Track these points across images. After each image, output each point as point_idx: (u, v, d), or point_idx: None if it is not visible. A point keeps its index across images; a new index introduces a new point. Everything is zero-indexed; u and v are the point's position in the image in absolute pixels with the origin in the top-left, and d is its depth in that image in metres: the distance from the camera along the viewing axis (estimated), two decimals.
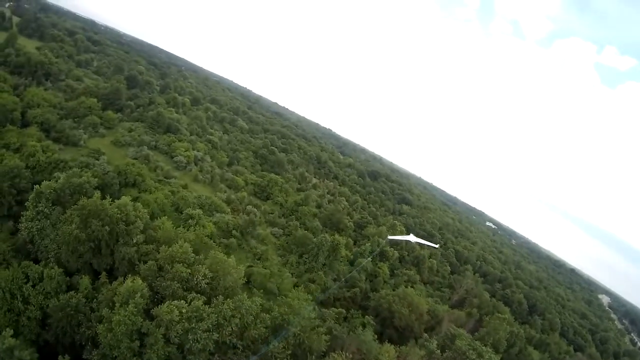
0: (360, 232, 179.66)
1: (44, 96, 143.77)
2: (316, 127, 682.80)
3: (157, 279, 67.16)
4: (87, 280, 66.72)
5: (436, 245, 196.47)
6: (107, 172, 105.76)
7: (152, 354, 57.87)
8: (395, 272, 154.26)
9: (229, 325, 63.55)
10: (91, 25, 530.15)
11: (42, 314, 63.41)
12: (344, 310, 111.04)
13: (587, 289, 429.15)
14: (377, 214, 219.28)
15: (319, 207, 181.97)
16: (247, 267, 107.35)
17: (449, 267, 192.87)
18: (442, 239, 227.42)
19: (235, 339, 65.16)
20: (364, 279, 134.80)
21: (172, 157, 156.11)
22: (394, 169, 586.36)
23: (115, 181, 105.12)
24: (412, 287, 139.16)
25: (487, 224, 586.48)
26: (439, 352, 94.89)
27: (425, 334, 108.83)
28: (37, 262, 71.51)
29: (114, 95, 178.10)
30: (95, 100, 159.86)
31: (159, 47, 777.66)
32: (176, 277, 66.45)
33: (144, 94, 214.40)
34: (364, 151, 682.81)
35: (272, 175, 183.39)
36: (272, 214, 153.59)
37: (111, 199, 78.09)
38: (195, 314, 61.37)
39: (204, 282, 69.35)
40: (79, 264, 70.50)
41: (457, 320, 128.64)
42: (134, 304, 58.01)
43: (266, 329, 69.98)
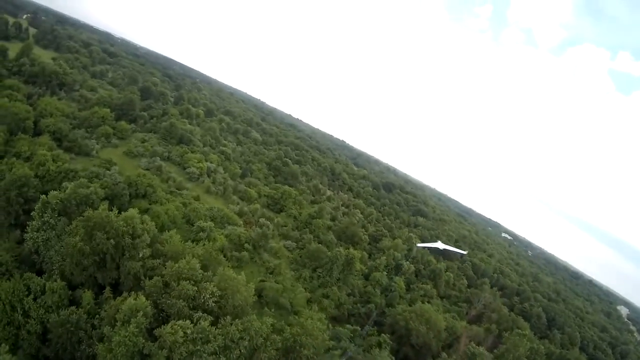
0: (375, 245, 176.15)
1: (57, 105, 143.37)
2: (330, 138, 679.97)
3: (163, 296, 63.72)
4: (89, 295, 63.87)
5: (464, 252, 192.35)
6: (118, 183, 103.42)
7: None
8: (411, 286, 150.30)
9: (237, 348, 59.64)
10: (107, 37, 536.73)
11: (42, 328, 61.13)
12: (359, 327, 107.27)
13: (605, 300, 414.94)
14: (392, 226, 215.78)
15: (333, 219, 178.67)
16: (259, 281, 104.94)
17: (466, 281, 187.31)
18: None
19: None
20: (379, 293, 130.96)
21: (185, 169, 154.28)
22: (408, 180, 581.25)
23: (125, 192, 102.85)
24: (429, 302, 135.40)
25: (503, 235, 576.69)
26: None
27: (443, 353, 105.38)
28: (42, 273, 69.64)
29: (127, 105, 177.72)
30: (108, 110, 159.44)
31: (174, 60, 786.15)
32: (182, 294, 62.82)
33: (157, 105, 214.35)
34: (377, 162, 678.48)
35: (286, 187, 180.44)
36: (285, 226, 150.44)
37: (118, 211, 75.65)
38: (201, 335, 57.48)
39: (211, 300, 65.58)
40: (83, 277, 67.71)
41: (475, 336, 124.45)
42: (136, 324, 54.56)
43: (277, 352, 65.96)
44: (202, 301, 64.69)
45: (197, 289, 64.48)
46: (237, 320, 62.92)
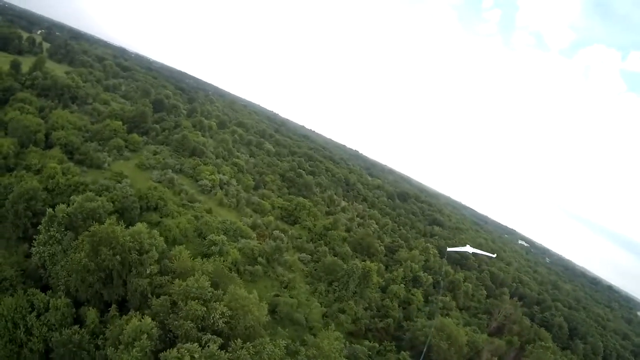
0: (391, 256, 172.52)
1: (68, 118, 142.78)
2: (343, 148, 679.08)
3: (170, 316, 60.36)
4: (94, 313, 60.91)
5: (493, 255, 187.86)
6: (128, 196, 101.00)
7: None
8: (429, 298, 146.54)
9: None
10: (121, 52, 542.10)
11: (45, 346, 58.83)
12: (377, 343, 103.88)
13: (625, 306, 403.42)
14: (408, 236, 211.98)
15: (348, 230, 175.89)
16: (274, 296, 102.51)
17: (485, 291, 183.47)
18: (475, 261, 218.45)
19: None
20: (397, 306, 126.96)
21: (197, 181, 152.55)
22: (422, 189, 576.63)
23: (135, 205, 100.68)
24: (448, 315, 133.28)
25: (520, 242, 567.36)
26: None
27: None
28: (48, 288, 67.53)
29: (139, 118, 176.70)
30: (120, 123, 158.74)
31: (188, 73, 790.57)
32: (190, 315, 59.26)
33: (170, 117, 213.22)
34: (391, 172, 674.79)
35: (300, 198, 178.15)
36: (299, 238, 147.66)
37: (127, 225, 72.98)
38: None
39: (221, 321, 62.02)
40: (88, 294, 64.89)
41: (497, 350, 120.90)
42: (140, 347, 51.21)
43: None
44: (212, 322, 61.19)
45: (206, 309, 60.94)
46: (248, 343, 59.16)
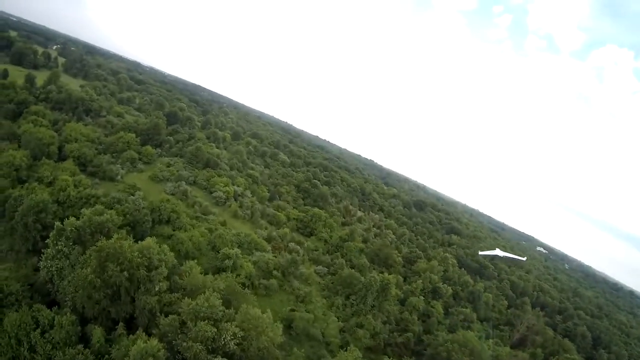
0: (410, 267, 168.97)
1: (82, 131, 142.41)
2: (358, 158, 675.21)
3: (179, 337, 56.96)
4: (99, 332, 57.92)
5: (523, 258, 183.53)
6: (140, 209, 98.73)
7: None
8: (449, 310, 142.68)
9: None
10: (135, 66, 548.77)
11: None
12: (397, 359, 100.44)
13: None
14: (426, 246, 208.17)
15: (365, 241, 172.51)
16: (289, 310, 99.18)
17: (505, 301, 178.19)
18: (495, 270, 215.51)
19: None
20: (416, 319, 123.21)
21: (211, 193, 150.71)
22: (438, 197, 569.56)
23: (147, 218, 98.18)
24: (469, 328, 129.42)
25: (538, 249, 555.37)
26: None
27: None
28: (56, 303, 65.14)
29: (153, 130, 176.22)
30: (134, 135, 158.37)
31: (202, 86, 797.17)
32: (200, 336, 55.70)
33: (184, 129, 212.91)
34: (407, 180, 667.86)
35: (316, 209, 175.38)
36: (316, 250, 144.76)
37: (136, 239, 70.34)
38: None
39: (232, 342, 58.50)
40: (95, 310, 61.97)
41: None
42: None
43: None
44: (223, 343, 57.62)
45: (216, 329, 57.22)
46: None
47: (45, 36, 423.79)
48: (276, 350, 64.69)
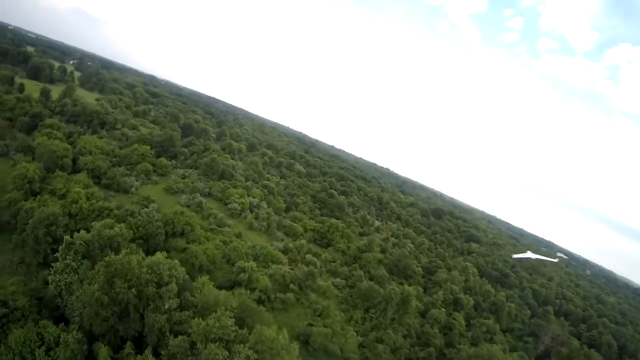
0: (429, 277, 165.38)
1: (96, 143, 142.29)
2: (374, 167, 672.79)
3: (188, 359, 53.52)
4: (106, 351, 54.68)
5: (555, 259, 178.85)
6: (153, 221, 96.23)
7: None
8: (471, 322, 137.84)
9: None
10: (151, 80, 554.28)
11: None
12: None
13: None
14: (446, 255, 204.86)
15: (383, 251, 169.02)
16: (307, 325, 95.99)
17: (528, 311, 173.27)
18: (516, 278, 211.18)
19: None
20: (438, 332, 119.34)
21: (227, 204, 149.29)
22: (455, 205, 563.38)
23: (160, 231, 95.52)
24: (492, 340, 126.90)
25: (558, 254, 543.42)
26: None
27: None
28: (65, 318, 62.65)
29: (168, 142, 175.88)
30: (148, 147, 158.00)
31: (217, 98, 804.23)
32: (210, 359, 52.31)
33: (199, 141, 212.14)
34: (423, 188, 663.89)
35: (333, 220, 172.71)
36: (333, 262, 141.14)
37: (150, 252, 67.47)
38: None
39: None
40: (103, 328, 58.83)
41: None
42: None
43: None
44: None
45: (228, 352, 53.13)
46: None
47: (62, 51, 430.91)
48: None
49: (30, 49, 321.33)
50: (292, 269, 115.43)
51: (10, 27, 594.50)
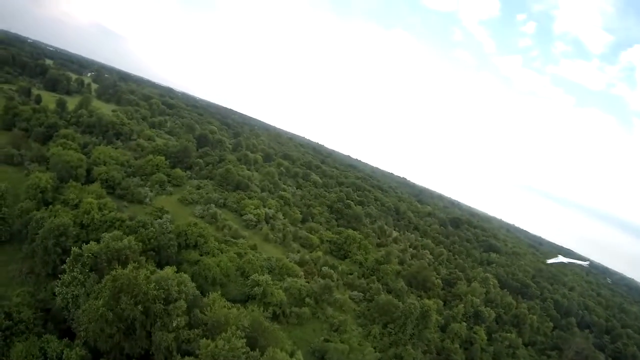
0: (449, 290, 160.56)
1: (111, 154, 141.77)
2: (390, 176, 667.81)
3: None
4: None
5: (585, 262, 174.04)
6: (165, 233, 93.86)
7: None
8: (493, 336, 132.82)
9: None
10: (168, 91, 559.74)
11: None
12: None
13: None
14: (465, 266, 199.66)
15: (401, 263, 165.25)
16: (323, 341, 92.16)
17: (550, 323, 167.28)
18: (537, 289, 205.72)
19: None
20: (459, 347, 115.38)
21: (242, 215, 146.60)
22: (473, 213, 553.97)
23: (173, 243, 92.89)
24: (515, 355, 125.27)
25: (578, 262, 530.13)
26: None
27: None
28: (71, 332, 60.57)
29: (183, 153, 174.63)
30: (163, 158, 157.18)
31: (234, 110, 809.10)
32: None
33: (215, 152, 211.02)
34: (441, 197, 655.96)
35: (350, 231, 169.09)
36: (350, 274, 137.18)
37: (158, 266, 64.77)
38: None
39: None
40: (108, 345, 56.13)
41: None
42: None
43: None
44: None
45: None
46: None
47: (80, 64, 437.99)
48: None
49: (48, 62, 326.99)
50: (308, 282, 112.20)
51: (29, 40, 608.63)
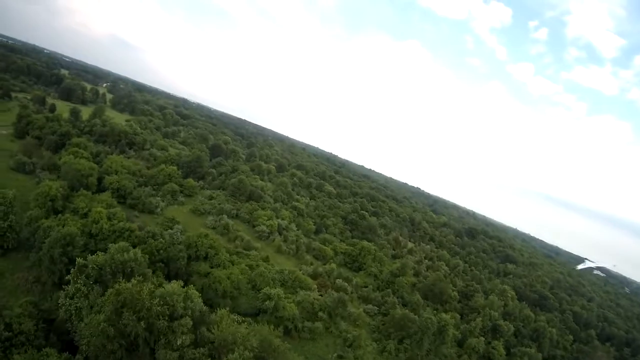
0: (466, 302, 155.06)
1: (123, 163, 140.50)
2: (404, 186, 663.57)
3: None
4: None
5: (612, 266, 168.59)
6: (175, 244, 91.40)
7: None
8: (512, 350, 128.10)
9: None
10: (183, 102, 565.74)
11: None
12: None
13: None
14: (482, 277, 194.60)
15: (417, 274, 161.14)
16: (336, 357, 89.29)
17: (570, 336, 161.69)
18: (556, 300, 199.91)
19: None
20: None
21: (254, 226, 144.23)
22: (488, 223, 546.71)
23: (182, 254, 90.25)
24: None
25: (595, 272, 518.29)
26: None
27: None
28: (72, 345, 58.44)
29: (195, 163, 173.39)
30: (175, 168, 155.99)
31: (248, 121, 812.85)
32: None
33: (228, 162, 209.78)
34: (455, 207, 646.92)
35: (364, 242, 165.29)
36: (365, 287, 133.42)
37: (165, 278, 62.10)
38: None
39: None
40: None
41: None
42: None
43: None
44: None
45: None
46: None
47: (96, 75, 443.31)
48: None
49: (64, 72, 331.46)
50: (322, 295, 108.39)
51: (46, 51, 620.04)
